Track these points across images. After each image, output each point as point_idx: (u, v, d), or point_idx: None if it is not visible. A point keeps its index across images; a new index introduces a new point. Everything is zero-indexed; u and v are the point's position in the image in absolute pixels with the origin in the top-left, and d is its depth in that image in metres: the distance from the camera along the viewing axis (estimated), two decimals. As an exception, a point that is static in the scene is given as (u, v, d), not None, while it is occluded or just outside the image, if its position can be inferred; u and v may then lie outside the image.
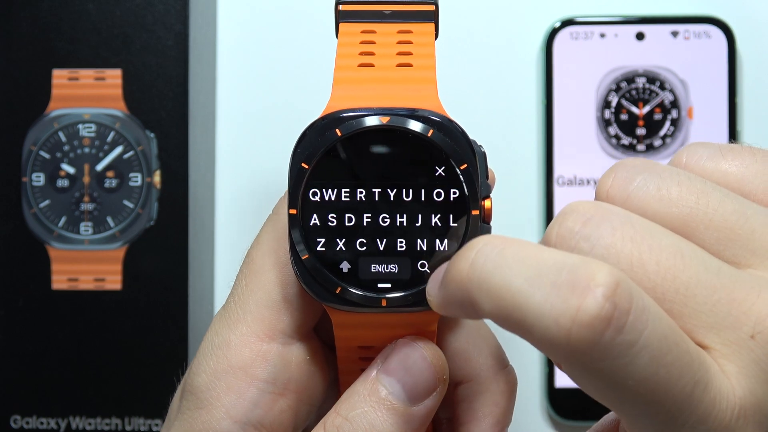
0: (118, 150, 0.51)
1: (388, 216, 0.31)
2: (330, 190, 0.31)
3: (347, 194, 0.31)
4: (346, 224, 0.31)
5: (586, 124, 0.52)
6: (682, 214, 0.27)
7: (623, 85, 0.52)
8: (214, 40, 0.53)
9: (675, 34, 0.52)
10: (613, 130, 0.52)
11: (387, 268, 0.31)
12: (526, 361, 0.52)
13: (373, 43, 0.32)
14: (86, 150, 0.51)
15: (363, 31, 0.33)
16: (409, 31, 0.33)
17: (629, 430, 0.27)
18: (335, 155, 0.31)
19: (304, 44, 0.53)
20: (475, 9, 0.53)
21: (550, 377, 0.52)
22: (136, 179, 0.51)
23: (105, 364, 0.50)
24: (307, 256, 0.31)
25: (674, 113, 0.52)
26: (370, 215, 0.31)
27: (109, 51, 0.51)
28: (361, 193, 0.31)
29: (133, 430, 0.50)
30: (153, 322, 0.50)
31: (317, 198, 0.31)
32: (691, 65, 0.52)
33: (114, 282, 0.51)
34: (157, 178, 0.51)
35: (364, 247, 0.31)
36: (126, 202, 0.51)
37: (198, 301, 0.51)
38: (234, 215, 0.53)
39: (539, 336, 0.25)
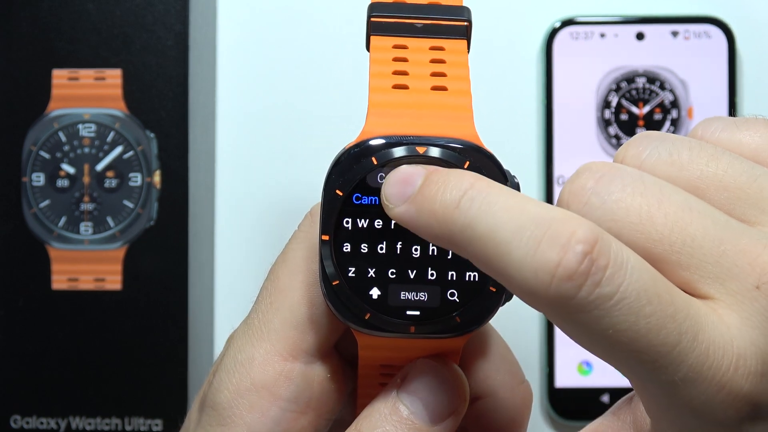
0: (118, 150, 0.51)
1: (419, 245, 0.31)
2: (363, 219, 0.31)
3: (380, 223, 0.31)
4: (378, 252, 0.31)
5: (586, 124, 0.52)
6: (692, 176, 0.28)
7: (623, 85, 0.52)
8: (214, 40, 0.53)
9: (675, 34, 0.52)
10: (613, 130, 0.52)
11: (416, 296, 0.31)
12: (527, 361, 0.52)
13: (405, 60, 0.32)
14: (86, 150, 0.51)
15: (395, 46, 0.32)
16: (442, 48, 0.33)
17: (633, 385, 0.27)
18: (370, 183, 0.30)
19: (304, 44, 0.53)
20: (475, 9, 0.53)
21: (550, 377, 0.52)
22: (136, 179, 0.51)
23: (105, 364, 0.50)
24: (337, 281, 0.31)
25: (674, 113, 0.52)
26: (401, 244, 0.31)
27: (109, 51, 0.51)
28: (394, 222, 0.30)
29: (133, 430, 0.50)
30: (153, 322, 0.50)
31: (350, 225, 0.31)
32: (691, 65, 0.52)
33: (114, 282, 0.51)
34: (157, 178, 0.51)
35: (395, 275, 0.31)
36: (126, 202, 0.51)
37: (198, 301, 0.51)
38: (234, 215, 0.53)
39: (519, 286, 0.26)
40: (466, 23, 0.33)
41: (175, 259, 0.50)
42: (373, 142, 0.30)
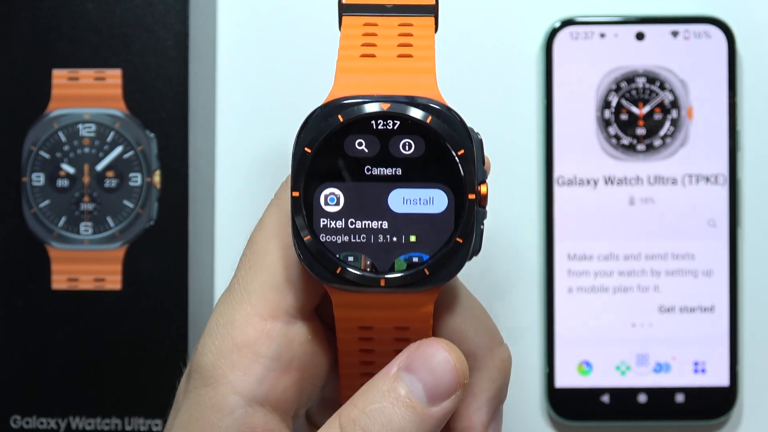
0: (118, 150, 0.51)
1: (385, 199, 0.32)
2: (331, 174, 0.32)
3: (348, 178, 0.32)
4: (347, 207, 0.32)
5: (586, 124, 0.52)
6: None
7: (623, 85, 0.52)
8: (214, 40, 0.53)
9: (675, 34, 0.52)
10: (613, 130, 0.52)
11: None
12: (527, 361, 0.52)
13: (374, 35, 0.33)
14: (86, 150, 0.51)
15: (365, 24, 0.34)
16: (410, 24, 0.34)
17: None
18: (337, 140, 0.32)
19: (304, 44, 0.53)
20: (474, 9, 0.53)
21: (550, 377, 0.52)
22: (136, 179, 0.51)
23: (105, 364, 0.50)
24: (308, 237, 0.32)
25: (674, 113, 0.52)
26: (368, 198, 0.32)
27: (109, 51, 0.51)
28: (361, 177, 0.32)
29: (133, 430, 0.50)
30: (153, 322, 0.50)
31: (319, 181, 0.32)
32: (691, 65, 0.52)
33: (114, 282, 0.51)
34: (157, 178, 0.51)
35: None
36: (126, 202, 0.51)
37: (198, 301, 0.52)
38: (234, 215, 0.53)
39: None
40: (433, 1, 0.35)
41: (175, 259, 0.50)
42: (339, 102, 0.32)
